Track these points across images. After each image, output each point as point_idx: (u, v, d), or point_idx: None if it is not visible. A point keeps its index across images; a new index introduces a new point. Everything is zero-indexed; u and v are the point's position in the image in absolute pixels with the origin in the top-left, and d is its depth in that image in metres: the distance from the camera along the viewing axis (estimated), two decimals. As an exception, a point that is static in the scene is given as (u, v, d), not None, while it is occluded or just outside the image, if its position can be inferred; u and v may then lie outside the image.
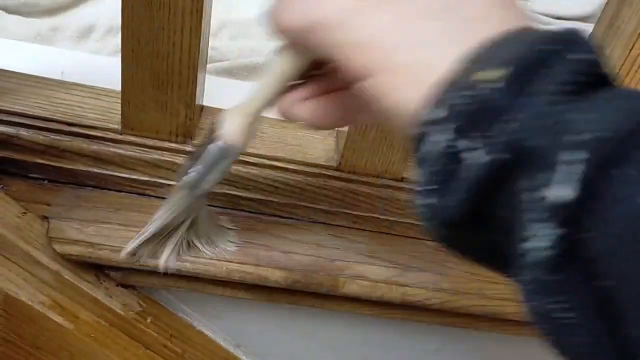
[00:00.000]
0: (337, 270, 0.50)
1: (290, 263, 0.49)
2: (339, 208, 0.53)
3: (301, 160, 0.52)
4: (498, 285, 0.52)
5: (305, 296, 0.51)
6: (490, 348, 0.59)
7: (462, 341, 0.58)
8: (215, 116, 0.39)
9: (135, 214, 0.50)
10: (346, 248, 0.52)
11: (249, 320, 0.57)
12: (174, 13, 0.43)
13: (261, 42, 0.77)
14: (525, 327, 0.54)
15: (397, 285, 0.50)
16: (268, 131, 0.55)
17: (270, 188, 0.52)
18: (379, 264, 0.51)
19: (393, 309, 0.52)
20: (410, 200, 0.54)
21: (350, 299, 0.51)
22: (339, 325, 0.57)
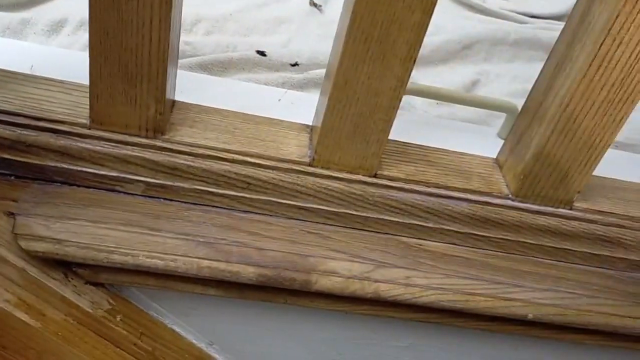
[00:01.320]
0: (310, 267, 0.49)
1: (262, 259, 0.49)
2: (313, 204, 0.53)
3: (274, 156, 0.52)
4: (470, 281, 0.52)
5: (278, 292, 0.51)
6: (464, 344, 0.59)
7: (435, 337, 0.58)
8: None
9: (104, 210, 0.49)
10: (319, 244, 0.52)
11: (221, 317, 0.56)
12: (142, 5, 0.43)
13: (236, 38, 0.77)
14: (496, 323, 0.54)
15: (370, 281, 0.50)
16: (241, 127, 0.54)
17: (243, 184, 0.51)
18: (353, 260, 0.51)
19: (366, 305, 0.52)
20: (384, 196, 0.54)
21: (323, 295, 0.51)
22: (313, 322, 0.56)
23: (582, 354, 0.60)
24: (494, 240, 0.56)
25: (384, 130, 0.51)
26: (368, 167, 0.53)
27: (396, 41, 0.45)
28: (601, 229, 0.56)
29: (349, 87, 0.47)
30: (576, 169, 0.53)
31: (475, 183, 0.56)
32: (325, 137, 0.51)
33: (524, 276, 0.55)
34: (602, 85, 0.47)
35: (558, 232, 0.56)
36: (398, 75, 0.47)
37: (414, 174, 0.54)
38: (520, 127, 0.56)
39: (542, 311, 0.52)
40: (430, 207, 0.54)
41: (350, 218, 0.54)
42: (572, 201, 0.55)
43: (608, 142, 0.51)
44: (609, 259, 0.57)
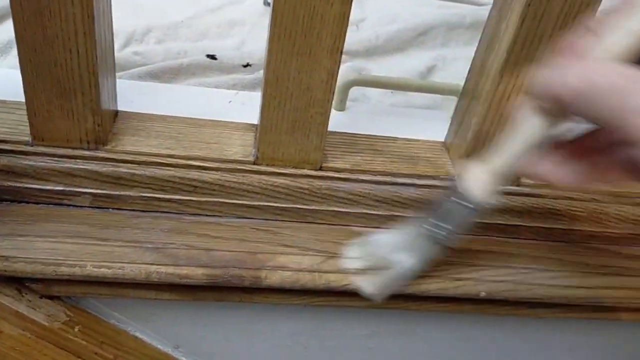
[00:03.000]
0: (259, 263, 0.50)
1: (211, 260, 0.49)
2: (261, 202, 0.53)
3: (218, 158, 0.52)
4: (439, 266, 0.53)
5: (231, 292, 0.51)
6: (423, 327, 0.59)
7: (396, 323, 0.59)
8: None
9: (52, 225, 0.50)
10: (270, 240, 0.52)
11: (184, 320, 0.57)
12: (65, 20, 0.43)
13: (188, 44, 0.77)
14: (450, 304, 0.54)
15: (320, 273, 0.50)
16: (185, 131, 0.55)
17: (189, 188, 0.52)
18: (303, 253, 0.52)
19: (320, 297, 0.52)
20: (331, 188, 0.54)
21: (275, 290, 0.51)
22: (274, 317, 0.57)
23: (541, 328, 0.61)
24: (445, 223, 0.56)
25: (323, 123, 0.51)
26: (312, 160, 0.53)
27: (320, 34, 0.46)
28: (550, 203, 0.57)
29: (281, 84, 0.48)
30: (517, 146, 0.53)
31: (422, 167, 0.56)
32: (265, 135, 0.51)
33: (476, 255, 0.55)
34: (529, 61, 0.48)
35: (508, 209, 0.56)
36: (327, 68, 0.48)
37: (360, 163, 0.55)
38: (462, 109, 0.56)
39: (494, 288, 0.52)
40: (379, 195, 0.55)
41: (299, 212, 0.54)
42: (518, 178, 0.56)
43: (544, 117, 0.52)
44: (562, 232, 0.58)
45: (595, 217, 0.57)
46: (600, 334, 0.62)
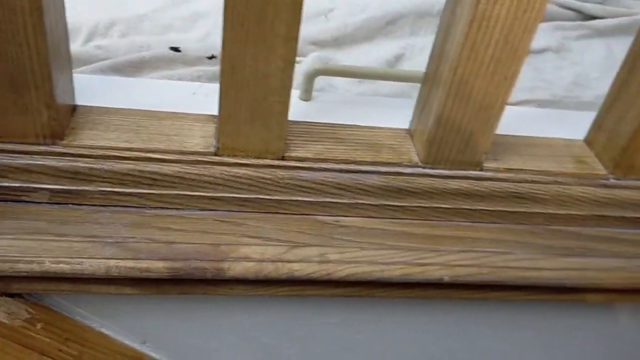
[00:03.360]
0: (222, 255, 0.50)
1: (172, 253, 0.49)
2: (223, 193, 0.53)
3: (178, 150, 0.52)
4: (385, 251, 0.53)
5: (195, 284, 0.51)
6: (391, 314, 0.60)
7: (364, 311, 0.59)
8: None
9: (10, 222, 0.49)
10: (233, 232, 0.52)
11: (149, 315, 0.56)
12: (12, 13, 0.42)
13: (152, 37, 0.76)
14: (416, 289, 0.55)
15: (283, 262, 0.50)
16: (144, 124, 0.54)
17: (149, 181, 0.51)
18: (267, 243, 0.52)
19: (286, 286, 0.52)
20: (294, 177, 0.54)
21: (239, 281, 0.51)
22: (240, 309, 0.57)
23: (507, 311, 0.61)
24: (410, 209, 0.56)
25: (282, 113, 0.51)
26: (274, 150, 0.53)
27: (274, 22, 0.45)
28: (513, 187, 0.57)
29: (237, 73, 0.48)
30: (478, 130, 0.54)
31: (385, 155, 0.56)
32: (225, 126, 0.51)
33: (441, 240, 0.55)
34: (485, 45, 0.48)
35: (471, 194, 0.56)
36: (283, 56, 0.47)
37: (323, 152, 0.55)
38: (424, 95, 0.56)
39: (458, 272, 0.53)
40: (342, 183, 0.54)
41: (262, 203, 0.54)
42: (481, 162, 0.56)
43: (504, 101, 0.52)
44: (525, 215, 0.58)
45: (558, 199, 0.58)
46: (567, 316, 0.63)
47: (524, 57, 0.49)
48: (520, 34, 0.48)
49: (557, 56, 0.92)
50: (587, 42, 1.01)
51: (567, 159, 0.60)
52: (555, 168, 0.58)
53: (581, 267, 0.55)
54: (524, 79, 0.85)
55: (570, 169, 0.59)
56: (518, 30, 0.48)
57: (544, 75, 0.85)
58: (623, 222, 0.59)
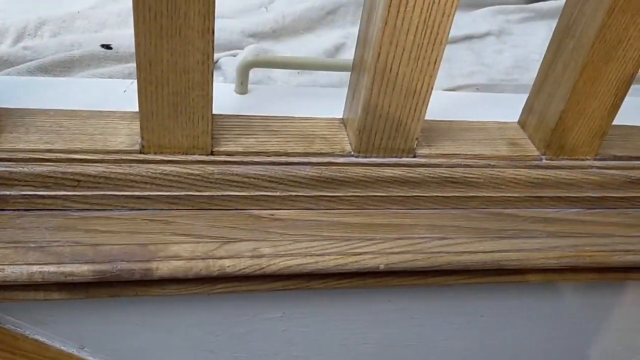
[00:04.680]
0: (150, 255, 0.49)
1: (98, 255, 0.48)
2: (151, 192, 0.52)
3: (102, 149, 0.51)
4: (320, 242, 0.53)
5: (125, 286, 0.50)
6: (332, 305, 0.59)
7: (305, 303, 0.58)
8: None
9: None
10: (162, 231, 0.51)
11: (84, 319, 0.55)
12: None
13: (85, 35, 0.74)
14: (355, 279, 0.54)
15: (214, 259, 0.49)
16: (67, 124, 0.53)
17: (73, 182, 0.50)
18: (197, 240, 0.51)
19: (218, 284, 0.52)
20: (224, 172, 0.53)
21: (171, 281, 0.50)
22: (177, 309, 0.56)
23: (450, 296, 0.61)
24: (345, 199, 0.56)
25: (206, 107, 0.50)
26: (202, 145, 0.52)
27: (188, 14, 0.44)
28: (447, 172, 0.57)
29: (155, 68, 0.47)
30: (407, 117, 0.53)
31: (318, 145, 0.56)
32: (147, 122, 0.50)
33: (377, 229, 0.55)
34: (406, 30, 0.48)
35: (405, 181, 0.56)
36: (201, 49, 0.46)
37: (254, 145, 0.54)
38: (352, 83, 0.56)
39: (393, 260, 0.52)
40: (274, 176, 0.54)
41: (193, 199, 0.53)
42: (413, 149, 0.56)
43: (430, 86, 0.52)
44: (461, 200, 0.58)
45: (492, 182, 0.58)
46: (508, 297, 0.63)
47: (445, 42, 0.49)
48: (439, 19, 0.48)
49: (498, 40, 0.93)
50: (530, 25, 1.02)
51: (500, 142, 0.60)
52: (488, 151, 0.58)
53: (517, 248, 0.56)
54: (464, 64, 0.85)
55: (504, 151, 0.59)
56: (437, 15, 0.47)
57: (484, 60, 0.86)
58: (557, 201, 0.60)
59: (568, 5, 0.55)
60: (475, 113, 0.67)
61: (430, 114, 0.61)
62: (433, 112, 0.68)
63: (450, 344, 0.67)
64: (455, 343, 0.66)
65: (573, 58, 0.54)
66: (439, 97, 0.74)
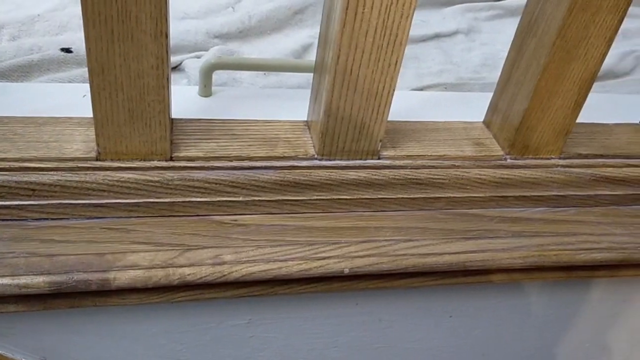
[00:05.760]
0: (107, 264, 0.47)
1: (53, 266, 0.47)
2: (109, 199, 0.51)
3: (57, 157, 0.49)
4: (284, 247, 0.52)
5: (84, 297, 0.49)
6: (299, 311, 0.59)
7: (272, 309, 0.58)
8: None
9: None
10: (121, 239, 0.50)
11: (45, 331, 0.54)
12: None
13: (46, 38, 0.73)
14: (320, 283, 0.54)
15: (174, 268, 0.48)
16: (21, 132, 0.51)
17: (27, 192, 0.49)
18: (157, 249, 0.50)
19: (179, 292, 0.51)
20: (185, 178, 0.52)
21: (130, 290, 0.49)
22: (140, 317, 0.55)
23: (417, 297, 0.61)
24: (309, 202, 0.55)
25: (163, 112, 0.49)
26: (160, 151, 0.51)
27: (139, 17, 0.43)
28: (412, 173, 0.56)
29: (108, 73, 0.45)
30: (370, 119, 0.53)
31: (281, 149, 0.55)
32: (103, 128, 0.49)
33: (342, 232, 0.55)
34: (364, 31, 0.47)
35: (370, 183, 0.56)
36: (155, 53, 0.45)
37: (215, 150, 0.53)
38: (315, 85, 0.55)
39: (358, 264, 0.52)
40: (236, 181, 0.53)
41: (153, 206, 0.52)
42: (377, 151, 0.56)
43: (391, 87, 0.51)
44: (426, 201, 0.58)
45: (457, 182, 0.57)
46: (476, 297, 0.63)
47: (405, 43, 0.49)
48: (397, 20, 0.47)
49: (467, 38, 0.93)
50: (499, 22, 1.02)
51: (465, 142, 0.60)
52: (453, 152, 0.58)
53: (482, 248, 0.55)
54: (432, 63, 0.85)
55: (468, 151, 0.59)
56: (395, 16, 0.47)
57: (453, 58, 0.85)
58: (523, 201, 0.60)
59: (529, 4, 0.55)
60: (442, 113, 0.67)
61: (397, 114, 0.61)
62: (399, 113, 0.68)
63: (420, 345, 0.66)
64: (425, 344, 0.66)
65: (535, 57, 0.54)
66: (406, 97, 0.74)
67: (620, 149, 0.63)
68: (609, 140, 0.64)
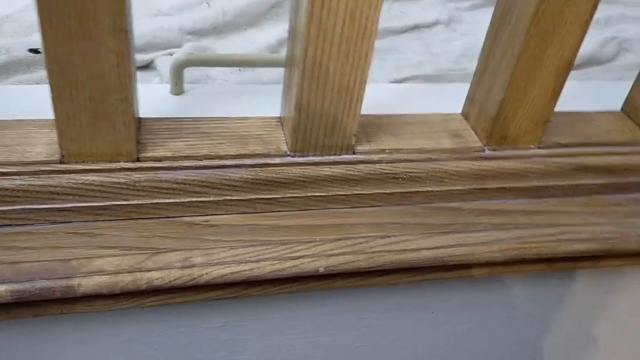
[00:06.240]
0: (72, 271, 0.46)
1: (16, 274, 0.45)
2: (75, 203, 0.49)
3: (18, 161, 0.48)
4: (256, 248, 0.51)
5: (48, 304, 0.47)
6: (274, 312, 0.57)
7: (247, 310, 0.56)
8: None
9: None
10: (87, 244, 0.48)
11: (13, 340, 0.52)
12: None
13: (14, 39, 0.71)
14: (295, 283, 0.52)
15: (141, 272, 0.47)
16: (-19, 136, 0.50)
17: (-12, 197, 0.47)
18: (124, 253, 0.48)
19: (149, 297, 0.49)
20: (152, 179, 0.51)
21: (97, 296, 0.48)
22: (111, 324, 0.53)
23: (397, 294, 0.60)
24: (283, 201, 0.54)
25: (127, 111, 0.47)
26: (126, 152, 0.49)
27: (96, 15, 0.41)
28: (388, 168, 0.55)
29: (68, 72, 0.44)
30: (342, 113, 0.51)
31: (252, 146, 0.53)
32: (65, 130, 0.47)
33: (317, 230, 0.53)
34: (332, 24, 0.46)
35: (346, 179, 0.54)
36: (116, 51, 0.43)
37: (183, 149, 0.52)
38: (286, 80, 0.54)
39: (333, 262, 0.51)
40: (206, 181, 0.51)
41: (121, 209, 0.50)
42: (352, 145, 0.54)
43: (363, 80, 0.50)
44: (404, 196, 0.56)
45: (435, 176, 0.56)
46: (460, 292, 0.62)
47: (375, 34, 0.47)
48: (366, 11, 0.45)
49: (447, 28, 0.91)
50: (480, 12, 1.00)
51: (443, 135, 0.58)
52: (430, 145, 0.57)
53: (461, 243, 0.54)
54: (412, 54, 0.84)
55: (446, 144, 0.57)
56: (363, 7, 0.45)
57: (433, 49, 0.84)
58: (502, 192, 0.59)
59: (503, -8, 0.54)
60: (421, 105, 0.66)
61: (374, 107, 0.59)
62: (377, 106, 0.66)
63: (402, 343, 0.65)
64: (408, 341, 0.65)
65: (510, 46, 0.52)
66: (384, 90, 0.72)
67: (601, 137, 0.61)
68: (589, 129, 0.63)
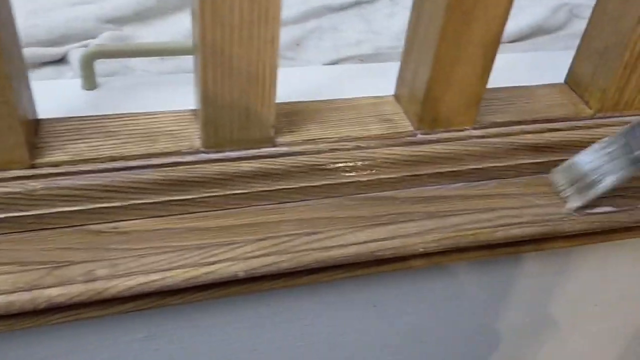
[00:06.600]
0: (-42, 294, 0.42)
1: None
2: (-36, 218, 0.45)
3: None
4: (169, 254, 0.47)
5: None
6: (198, 322, 0.54)
7: (170, 322, 0.53)
8: None
9: None
10: (-22, 262, 0.44)
11: None
12: None
13: None
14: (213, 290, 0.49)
15: (40, 290, 0.43)
16: None
17: None
18: (22, 269, 0.44)
19: (53, 314, 0.45)
20: (48, 187, 0.46)
21: (-7, 319, 0.44)
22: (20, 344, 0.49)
23: (333, 291, 0.57)
24: (200, 201, 0.50)
25: (12, 115, 0.43)
26: (19, 159, 0.45)
27: (-48, 9, 0.37)
28: (312, 159, 0.51)
29: None
30: (255, 103, 0.47)
31: (161, 144, 0.49)
32: (-59, 139, 0.42)
33: (238, 231, 0.49)
34: (229, 8, 0.41)
35: (267, 173, 0.51)
36: (-17, 49, 0.39)
37: (84, 152, 0.47)
38: (194, 69, 0.49)
39: (254, 265, 0.47)
40: (110, 185, 0.47)
41: (18, 221, 0.46)
42: (272, 137, 0.50)
43: (273, 66, 0.46)
44: (333, 187, 0.53)
45: (364, 165, 0.53)
46: (402, 284, 0.59)
47: (279, 16, 0.43)
48: (263, -10, 0.41)
49: (391, 2, 0.87)
50: (425, -16, 0.96)
51: (372, 120, 0.55)
52: (357, 132, 0.53)
53: (392, 235, 0.51)
54: (352, 33, 0.80)
55: (375, 130, 0.54)
56: (259, -14, 0.41)
57: (373, 26, 0.80)
58: (438, 178, 0.55)
59: (425, -38, 0.49)
60: (355, 88, 0.62)
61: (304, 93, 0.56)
62: (307, 91, 0.63)
63: (346, 339, 0.62)
64: (351, 336, 0.62)
65: (432, 21, 0.49)
66: (315, 73, 0.68)
67: (540, 113, 0.58)
68: (529, 105, 0.59)
